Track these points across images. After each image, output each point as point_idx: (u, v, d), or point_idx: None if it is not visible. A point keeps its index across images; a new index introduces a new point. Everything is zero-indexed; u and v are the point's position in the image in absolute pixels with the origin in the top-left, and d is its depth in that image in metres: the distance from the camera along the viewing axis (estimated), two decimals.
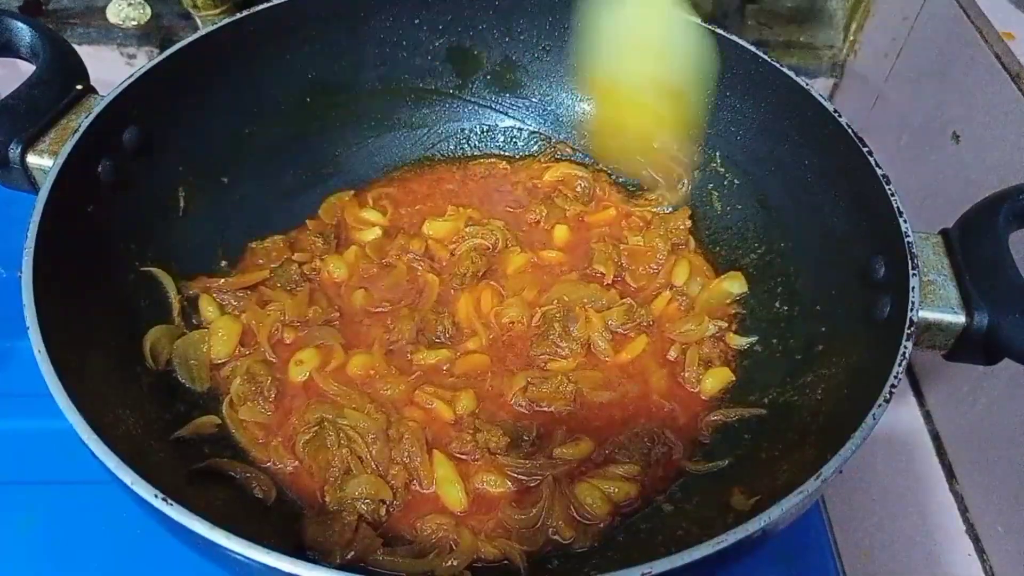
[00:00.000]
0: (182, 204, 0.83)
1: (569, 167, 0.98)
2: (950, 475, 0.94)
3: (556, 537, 0.68)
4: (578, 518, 0.69)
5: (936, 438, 0.98)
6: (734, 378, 0.79)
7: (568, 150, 1.00)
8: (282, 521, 0.68)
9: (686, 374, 0.80)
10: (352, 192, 0.95)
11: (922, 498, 0.94)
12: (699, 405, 0.78)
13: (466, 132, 1.01)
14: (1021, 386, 0.82)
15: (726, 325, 0.83)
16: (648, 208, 0.94)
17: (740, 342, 0.82)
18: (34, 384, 0.56)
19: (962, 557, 0.89)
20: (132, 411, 0.66)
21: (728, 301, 0.85)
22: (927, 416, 1.00)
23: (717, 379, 0.79)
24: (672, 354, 0.82)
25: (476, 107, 1.01)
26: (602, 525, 0.69)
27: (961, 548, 0.89)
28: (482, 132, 1.02)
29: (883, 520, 0.93)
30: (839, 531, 0.88)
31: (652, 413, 0.78)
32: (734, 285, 0.85)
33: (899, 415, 1.00)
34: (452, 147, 1.01)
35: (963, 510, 0.92)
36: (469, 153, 1.02)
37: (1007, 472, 0.85)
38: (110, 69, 1.21)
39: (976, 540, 0.89)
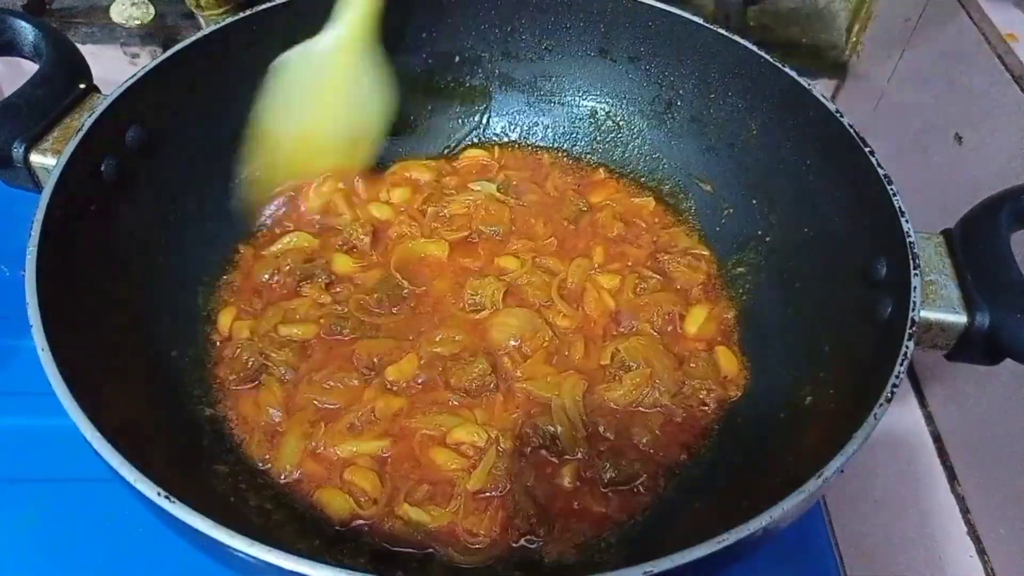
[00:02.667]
0: (186, 204, 0.83)
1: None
2: (951, 476, 0.94)
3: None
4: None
5: (937, 439, 0.98)
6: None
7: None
8: (291, 518, 0.68)
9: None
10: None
11: (923, 499, 0.94)
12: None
13: (462, 130, 1.02)
14: (1023, 387, 0.82)
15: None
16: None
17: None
18: (37, 382, 0.56)
19: (963, 558, 0.89)
20: (135, 409, 0.66)
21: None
22: (928, 417, 1.00)
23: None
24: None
25: (474, 106, 1.01)
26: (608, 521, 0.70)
27: (962, 549, 0.89)
28: (478, 130, 1.02)
29: (884, 521, 0.93)
30: (840, 532, 0.88)
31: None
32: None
33: (901, 416, 1.00)
34: (452, 145, 1.02)
35: (964, 511, 0.92)
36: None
37: (1009, 473, 0.85)
38: (113, 68, 1.21)
39: (977, 541, 0.89)
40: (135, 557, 0.76)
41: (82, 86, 0.76)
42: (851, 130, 0.73)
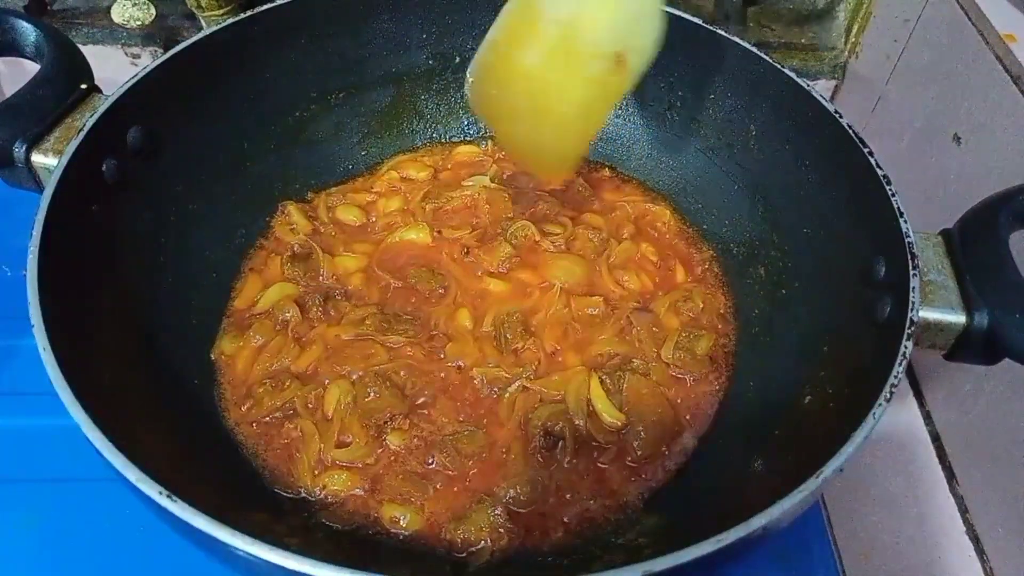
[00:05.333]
0: (187, 205, 0.83)
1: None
2: (950, 476, 0.94)
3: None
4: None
5: (936, 439, 0.98)
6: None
7: None
8: (295, 518, 0.69)
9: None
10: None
11: (922, 499, 0.94)
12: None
13: (463, 130, 1.03)
14: (1022, 387, 0.83)
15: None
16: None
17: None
18: (37, 382, 0.56)
19: (962, 558, 0.89)
20: (137, 408, 0.66)
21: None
22: (927, 417, 1.00)
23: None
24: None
25: None
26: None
27: (961, 549, 0.89)
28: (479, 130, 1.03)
29: (883, 521, 0.93)
30: (839, 531, 0.89)
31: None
32: None
33: (899, 416, 1.00)
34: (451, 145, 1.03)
35: (963, 511, 0.92)
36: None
37: (1008, 473, 0.85)
38: (114, 69, 1.22)
39: (976, 541, 0.89)
40: (135, 557, 0.76)
41: (83, 86, 0.76)
42: (850, 130, 0.73)
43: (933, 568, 0.89)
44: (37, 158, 0.71)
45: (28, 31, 0.77)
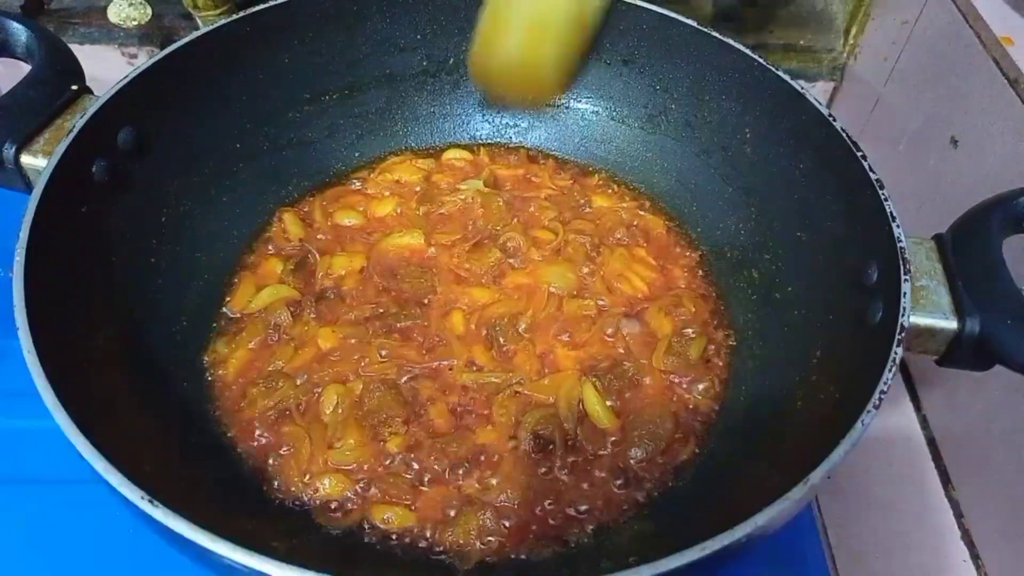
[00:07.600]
0: (179, 207, 0.83)
1: None
2: (946, 480, 0.94)
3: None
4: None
5: (932, 443, 0.97)
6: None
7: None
8: (285, 521, 0.69)
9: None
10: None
11: (918, 503, 0.93)
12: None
13: (456, 132, 1.03)
14: (1018, 391, 0.82)
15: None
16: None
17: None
18: (31, 383, 0.56)
19: (958, 563, 0.88)
20: (126, 411, 0.66)
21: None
22: (923, 421, 0.99)
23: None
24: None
25: (469, 108, 1.02)
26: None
27: (957, 554, 0.89)
28: (471, 132, 1.03)
29: (878, 525, 0.92)
30: (834, 536, 0.88)
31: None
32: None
33: (895, 420, 1.00)
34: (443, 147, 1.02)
35: (959, 516, 0.91)
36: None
37: (1004, 478, 0.84)
38: (111, 69, 1.21)
39: (971, 546, 0.89)
40: (134, 558, 0.76)
41: (74, 87, 0.76)
42: (843, 134, 0.73)
43: (928, 572, 0.88)
44: (26, 159, 0.71)
45: (19, 32, 0.77)
